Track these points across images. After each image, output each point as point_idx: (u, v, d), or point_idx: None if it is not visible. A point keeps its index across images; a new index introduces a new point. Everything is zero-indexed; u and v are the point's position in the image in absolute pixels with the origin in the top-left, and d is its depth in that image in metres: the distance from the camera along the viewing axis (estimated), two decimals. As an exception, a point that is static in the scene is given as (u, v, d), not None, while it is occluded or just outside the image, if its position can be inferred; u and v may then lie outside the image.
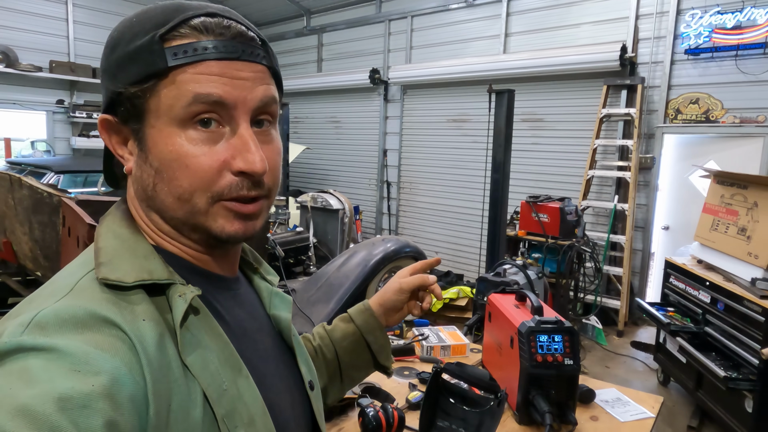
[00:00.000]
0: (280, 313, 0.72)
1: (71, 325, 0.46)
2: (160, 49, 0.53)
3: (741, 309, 2.80)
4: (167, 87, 0.53)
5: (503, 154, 3.73)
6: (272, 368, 0.66)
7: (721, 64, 4.62)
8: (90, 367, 0.43)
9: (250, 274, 0.75)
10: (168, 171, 0.54)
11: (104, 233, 0.58)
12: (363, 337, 0.97)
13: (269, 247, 3.29)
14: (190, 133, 0.54)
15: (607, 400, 1.84)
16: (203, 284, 0.59)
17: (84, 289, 0.51)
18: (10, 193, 2.62)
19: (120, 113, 0.56)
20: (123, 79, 0.54)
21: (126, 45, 0.54)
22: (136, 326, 0.49)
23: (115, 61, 0.55)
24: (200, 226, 0.57)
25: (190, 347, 0.52)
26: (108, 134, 0.58)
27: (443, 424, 1.54)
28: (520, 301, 1.93)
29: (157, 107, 0.54)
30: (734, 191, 3.08)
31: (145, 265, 0.54)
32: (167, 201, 0.56)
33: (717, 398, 3.05)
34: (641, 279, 5.25)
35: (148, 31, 0.54)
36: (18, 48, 6.76)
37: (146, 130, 0.55)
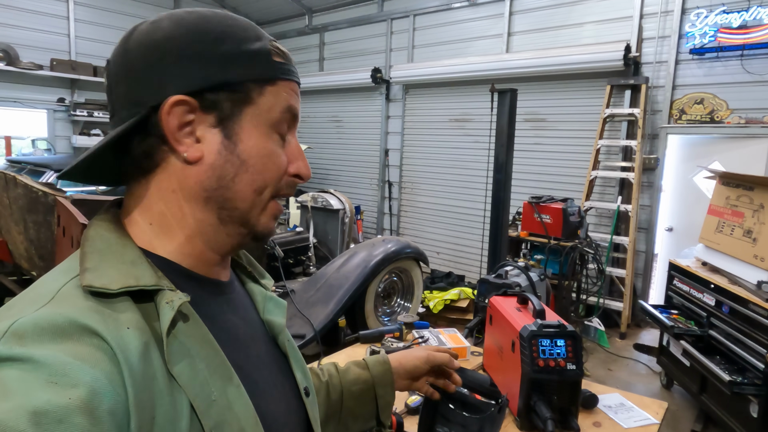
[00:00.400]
0: (274, 318, 0.72)
1: (50, 334, 0.45)
2: (271, 59, 0.60)
3: (746, 312, 2.76)
4: (271, 93, 0.60)
5: (506, 154, 3.70)
6: (265, 375, 0.65)
7: (727, 64, 4.57)
8: (68, 379, 0.42)
9: (244, 278, 0.74)
10: (257, 164, 0.59)
11: (91, 237, 0.57)
12: (374, 388, 0.97)
13: (269, 247, 3.26)
14: (274, 135, 0.61)
15: (611, 405, 1.81)
16: (196, 290, 0.58)
17: (66, 296, 0.49)
18: (5, 192, 2.59)
19: (209, 100, 0.57)
20: (239, 73, 0.58)
21: (238, 44, 0.58)
22: (120, 335, 0.48)
23: (227, 55, 0.58)
24: (251, 222, 0.61)
25: (177, 356, 0.51)
26: (174, 115, 0.56)
27: (442, 429, 1.50)
28: (522, 303, 1.90)
29: (259, 105, 0.59)
30: (740, 193, 3.03)
31: (131, 271, 0.53)
32: (244, 191, 0.59)
33: (721, 402, 3.01)
34: (644, 281, 5.21)
35: (255, 41, 0.60)
36: (19, 46, 6.74)
37: (243, 122, 0.58)
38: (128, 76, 0.58)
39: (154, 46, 0.57)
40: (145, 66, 0.57)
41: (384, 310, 3.73)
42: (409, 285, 3.89)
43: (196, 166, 0.58)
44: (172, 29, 0.58)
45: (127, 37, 0.59)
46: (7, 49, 6.58)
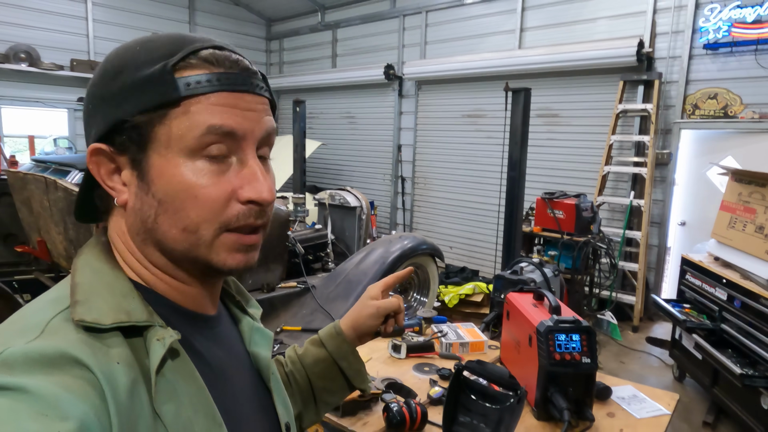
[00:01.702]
0: (259, 351, 0.70)
1: (40, 365, 0.44)
2: (172, 79, 0.52)
3: (758, 307, 2.82)
4: (179, 117, 0.53)
5: (519, 152, 3.77)
6: (247, 411, 0.64)
7: (741, 59, 4.58)
8: (58, 411, 0.42)
9: (232, 307, 0.73)
10: (174, 202, 0.53)
11: (81, 267, 0.56)
12: (336, 363, 0.95)
13: (290, 245, 3.38)
14: (198, 164, 0.53)
15: (623, 397, 1.88)
16: (183, 324, 0.58)
17: (56, 329, 0.48)
18: (45, 194, 2.73)
19: (118, 142, 0.54)
20: (130, 108, 0.53)
21: (133, 73, 0.53)
22: (110, 370, 0.47)
23: (120, 89, 0.53)
24: (201, 259, 0.56)
25: (163, 395, 0.51)
26: (98, 164, 0.56)
27: (464, 419, 1.59)
28: (538, 300, 1.97)
29: (165, 137, 0.53)
30: (752, 189, 3.08)
31: (123, 305, 0.52)
32: (170, 233, 0.55)
33: (733, 395, 3.07)
34: (657, 275, 5.25)
35: (157, 60, 0.53)
36: (40, 47, 6.91)
37: (150, 160, 0.54)
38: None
39: (86, 95, 0.58)
40: (84, 116, 0.59)
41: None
42: (425, 280, 3.99)
43: (127, 210, 0.57)
44: (95, 73, 0.57)
45: None
46: (29, 50, 6.75)
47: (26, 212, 3.02)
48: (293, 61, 9.32)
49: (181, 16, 8.39)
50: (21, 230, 3.26)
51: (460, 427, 1.56)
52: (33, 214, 2.95)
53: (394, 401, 1.62)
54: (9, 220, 3.37)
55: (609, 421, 1.71)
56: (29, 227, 3.11)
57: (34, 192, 2.86)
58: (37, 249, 3.02)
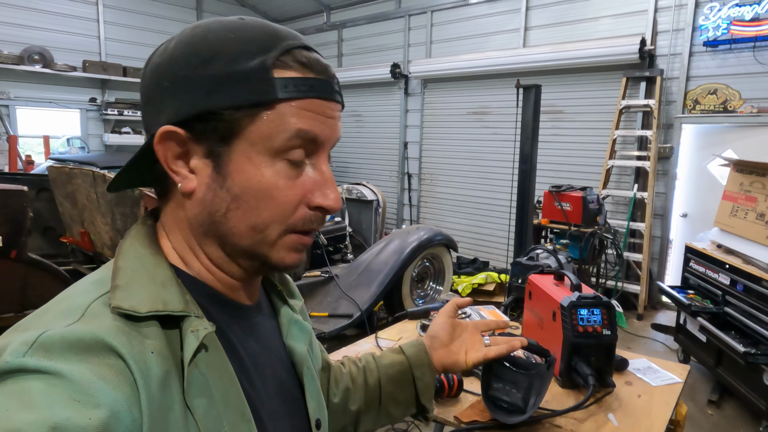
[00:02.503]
0: (295, 344, 0.70)
1: (76, 350, 0.44)
2: (270, 78, 0.52)
3: (760, 289, 2.98)
4: (269, 117, 0.52)
5: (530, 146, 3.93)
6: (277, 405, 0.63)
7: (740, 56, 4.74)
8: (90, 398, 0.42)
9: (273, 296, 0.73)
10: (249, 200, 0.54)
11: (125, 251, 0.56)
12: (411, 369, 0.94)
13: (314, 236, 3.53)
14: (278, 165, 0.54)
15: (639, 368, 2.04)
16: (221, 314, 0.58)
17: (95, 314, 0.49)
18: (92, 187, 2.88)
19: (198, 129, 0.53)
20: (223, 100, 0.52)
21: (229, 64, 0.52)
22: (143, 359, 0.48)
23: (213, 78, 0.52)
24: (261, 256, 0.57)
25: (195, 388, 0.51)
26: (166, 147, 0.54)
27: (497, 385, 1.74)
28: (558, 280, 2.13)
29: (252, 134, 0.53)
30: (753, 179, 3.24)
31: (161, 294, 0.52)
32: (238, 229, 0.55)
33: (736, 373, 3.24)
34: (660, 265, 5.42)
35: (253, 55, 0.52)
36: (53, 49, 7.03)
37: (232, 154, 0.53)
38: (142, 100, 0.58)
39: (156, 71, 0.55)
40: (148, 92, 0.56)
41: (418, 294, 4.01)
42: (441, 270, 4.16)
43: (192, 199, 0.55)
44: (172, 51, 0.54)
45: (149, 58, 0.57)
46: (42, 52, 6.87)
47: (69, 205, 3.17)
48: (299, 60, 9.43)
49: (188, 17, 8.51)
50: (59, 224, 3.40)
51: (494, 392, 1.71)
52: (77, 207, 3.10)
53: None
54: (48, 214, 3.52)
55: (627, 388, 1.86)
56: (71, 220, 3.25)
57: (80, 185, 3.01)
58: (80, 239, 3.16)
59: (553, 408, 1.67)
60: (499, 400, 1.66)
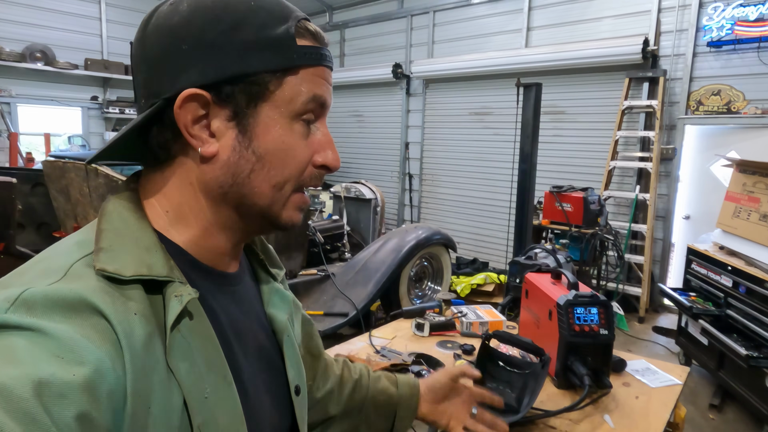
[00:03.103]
0: (276, 312, 0.71)
1: (60, 308, 0.45)
2: (295, 45, 0.55)
3: (763, 291, 2.93)
4: (293, 82, 0.56)
5: (531, 145, 3.89)
6: (258, 370, 0.65)
7: (744, 56, 4.70)
8: (74, 355, 0.43)
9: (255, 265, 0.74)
10: (273, 160, 0.56)
11: (108, 213, 0.56)
12: (397, 407, 0.97)
13: (310, 234, 3.51)
14: (296, 126, 0.57)
15: (638, 369, 2.00)
16: (203, 282, 0.58)
17: (78, 274, 0.49)
18: (85, 181, 2.86)
19: (225, 93, 0.54)
20: (257, 64, 0.54)
21: (257, 30, 0.54)
22: (127, 320, 0.48)
23: (243, 43, 0.54)
24: (272, 215, 0.59)
25: (177, 351, 0.51)
26: (187, 110, 0.54)
27: (491, 385, 1.71)
28: (556, 279, 2.09)
29: (278, 97, 0.56)
30: (756, 179, 3.19)
31: (145, 259, 0.52)
32: (260, 188, 0.57)
33: (738, 377, 3.19)
34: (662, 267, 5.37)
35: (277, 23, 0.55)
36: (55, 47, 7.05)
37: (259, 116, 0.55)
38: (146, 64, 0.56)
39: (169, 33, 0.54)
40: (160, 54, 0.55)
41: (416, 293, 3.97)
42: (439, 269, 4.12)
43: (212, 162, 0.56)
44: (189, 14, 0.54)
45: (147, 20, 0.57)
46: (44, 50, 6.89)
47: (63, 200, 3.15)
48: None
49: (191, 16, 8.52)
50: (54, 219, 3.38)
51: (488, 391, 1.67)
52: (71, 202, 3.08)
53: (424, 369, 1.73)
54: (42, 209, 3.50)
55: (625, 390, 1.82)
56: (65, 215, 3.24)
57: (73, 180, 2.99)
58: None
59: (548, 408, 1.63)
60: (492, 399, 1.62)
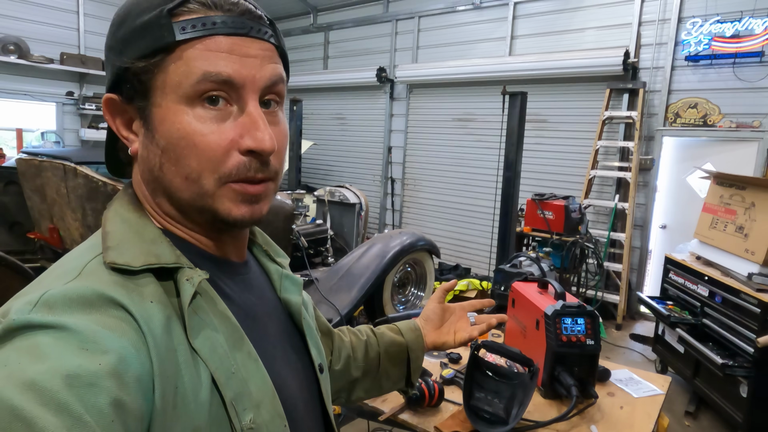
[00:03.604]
0: (290, 297, 0.72)
1: (79, 305, 0.46)
2: (168, 23, 0.52)
3: (738, 301, 3.01)
4: (175, 63, 0.52)
5: (515, 153, 3.92)
6: (280, 352, 0.66)
7: (720, 71, 4.83)
8: (98, 345, 0.44)
9: (260, 257, 0.74)
10: (175, 150, 0.53)
11: (111, 217, 0.58)
12: (408, 351, 1.01)
13: (293, 238, 3.46)
14: (197, 110, 0.53)
15: (621, 379, 2.03)
16: (211, 269, 0.59)
17: (92, 272, 0.51)
18: (63, 181, 2.75)
19: (125, 91, 0.55)
20: (129, 54, 0.54)
21: (133, 20, 0.54)
22: (144, 308, 0.49)
23: (122, 37, 0.54)
24: (207, 209, 0.56)
25: (197, 330, 0.52)
26: (112, 115, 0.57)
27: (479, 395, 1.70)
28: (542, 288, 2.11)
29: (164, 83, 0.53)
30: (733, 192, 3.28)
31: (152, 249, 0.54)
32: (175, 181, 0.55)
33: (713, 385, 3.26)
34: (639, 275, 5.47)
35: (157, 6, 0.53)
36: (30, 39, 6.83)
37: (153, 107, 0.54)
38: None
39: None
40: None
41: (399, 299, 3.95)
42: (422, 275, 4.11)
43: (138, 159, 0.58)
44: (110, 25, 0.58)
45: None
46: (18, 42, 6.67)
47: (38, 200, 3.04)
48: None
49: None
50: (27, 218, 3.26)
51: (476, 402, 1.67)
52: (46, 202, 2.97)
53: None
54: (15, 208, 3.37)
55: (610, 399, 1.85)
56: (40, 215, 3.12)
57: (50, 179, 2.88)
58: (48, 236, 3.03)
59: (536, 419, 1.64)
60: (480, 410, 1.62)
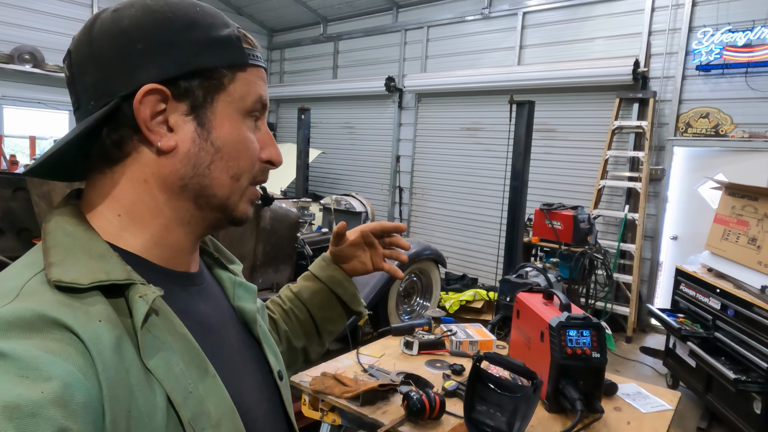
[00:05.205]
0: (244, 305, 0.72)
1: (18, 329, 0.43)
2: (241, 46, 0.60)
3: (751, 315, 2.93)
4: (244, 80, 0.60)
5: (522, 162, 3.89)
6: (239, 363, 0.65)
7: (732, 81, 4.77)
8: (39, 372, 0.41)
9: (212, 265, 0.74)
10: (231, 151, 0.59)
11: (52, 230, 0.54)
12: (332, 291, 0.98)
13: (298, 246, 3.45)
14: (248, 122, 0.62)
15: (629, 393, 1.97)
16: (166, 283, 0.57)
17: (33, 291, 0.48)
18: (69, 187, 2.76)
19: (183, 87, 0.56)
20: (213, 60, 0.57)
21: (208, 30, 0.58)
22: (91, 328, 0.47)
23: (198, 41, 0.57)
24: (230, 207, 0.62)
25: (151, 350, 0.51)
26: (146, 105, 0.55)
27: (481, 408, 1.66)
28: (548, 299, 2.07)
29: (230, 94, 0.59)
30: (745, 203, 3.22)
31: (101, 266, 0.51)
32: (220, 179, 0.59)
33: (726, 401, 3.18)
34: (649, 287, 5.38)
35: (223, 27, 0.59)
36: (44, 49, 6.96)
37: (216, 109, 0.58)
38: (96, 66, 0.56)
39: (121, 34, 0.55)
40: (114, 54, 0.55)
41: (404, 309, 3.91)
42: (428, 285, 4.07)
43: (171, 156, 0.57)
44: (139, 17, 0.56)
45: (89, 26, 0.57)
46: (33, 51, 6.79)
47: (45, 206, 3.05)
48: (294, 71, 9.44)
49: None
50: (35, 225, 3.28)
51: (477, 415, 1.63)
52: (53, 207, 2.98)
53: (413, 390, 1.69)
54: (23, 215, 3.40)
55: (616, 415, 1.79)
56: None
57: (56, 185, 2.90)
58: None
59: (539, 434, 1.59)
60: (482, 423, 1.58)
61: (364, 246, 0.99)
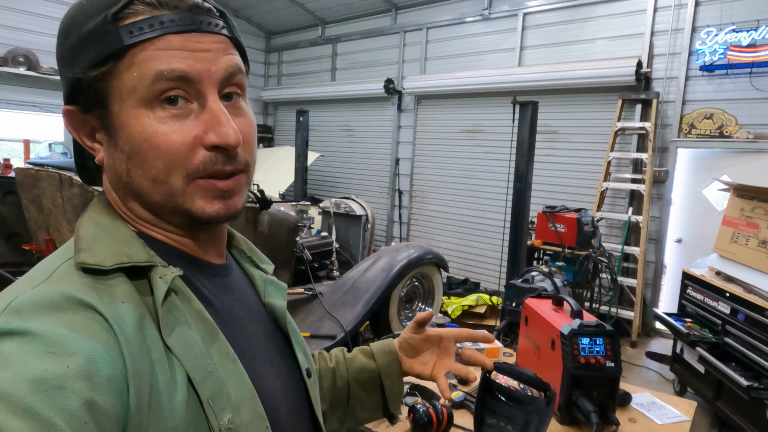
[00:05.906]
0: (274, 301, 0.71)
1: (46, 309, 0.46)
2: (114, 28, 0.51)
3: (762, 320, 2.86)
4: (128, 68, 0.52)
5: (526, 164, 3.82)
6: (263, 354, 0.64)
7: (736, 81, 4.71)
8: (65, 348, 0.43)
9: (243, 262, 0.73)
10: (140, 154, 0.53)
11: (85, 222, 0.57)
12: (380, 378, 0.91)
13: (297, 251, 3.37)
14: (157, 112, 0.53)
15: (642, 403, 1.90)
16: (189, 269, 0.58)
17: (62, 275, 0.51)
18: (59, 191, 2.70)
19: (82, 102, 0.54)
20: (80, 64, 0.52)
21: (79, 28, 0.52)
22: (115, 308, 0.49)
23: (70, 47, 0.53)
24: (180, 208, 0.56)
25: (171, 328, 0.52)
26: (74, 126, 0.56)
27: (491, 421, 1.58)
28: (557, 305, 1.99)
29: (119, 90, 0.52)
30: (755, 204, 3.14)
31: (124, 249, 0.53)
32: (143, 185, 0.55)
33: (737, 408, 3.09)
34: (653, 291, 5.31)
35: (101, 11, 0.52)
36: (39, 51, 6.87)
37: (112, 115, 0.53)
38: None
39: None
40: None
41: (406, 314, 3.83)
42: (430, 290, 4.00)
43: (107, 168, 0.58)
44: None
45: None
46: (27, 54, 6.71)
47: (35, 210, 2.99)
48: (292, 73, 9.37)
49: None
50: (25, 229, 3.21)
51: (487, 428, 1.55)
52: (43, 212, 2.92)
53: (419, 402, 1.61)
54: (13, 219, 3.33)
55: (632, 426, 1.72)
56: (36, 226, 3.07)
57: (46, 189, 2.83)
58: (44, 248, 2.98)
59: (554, 450, 1.51)
60: (493, 439, 1.50)
61: (435, 347, 0.93)
